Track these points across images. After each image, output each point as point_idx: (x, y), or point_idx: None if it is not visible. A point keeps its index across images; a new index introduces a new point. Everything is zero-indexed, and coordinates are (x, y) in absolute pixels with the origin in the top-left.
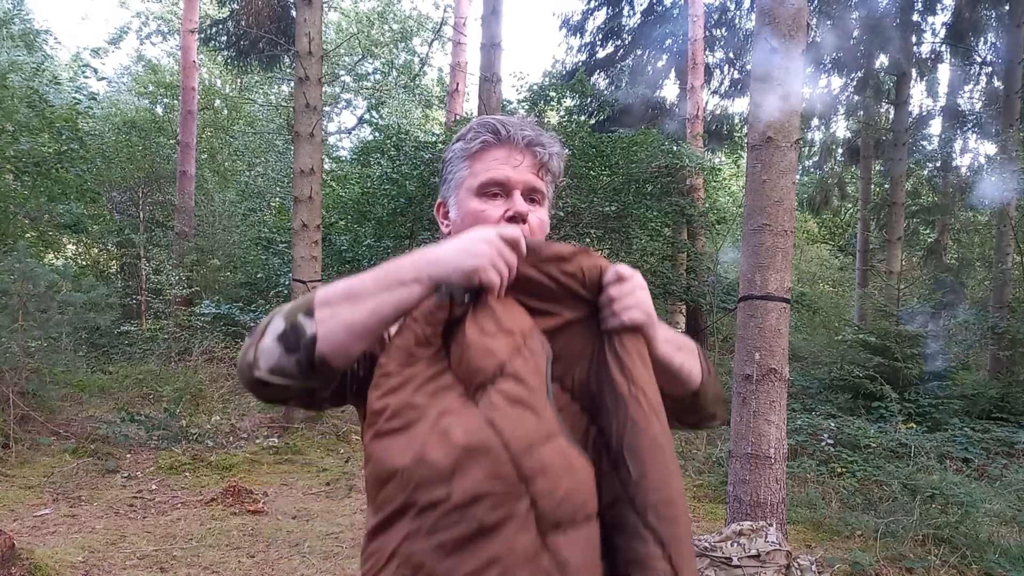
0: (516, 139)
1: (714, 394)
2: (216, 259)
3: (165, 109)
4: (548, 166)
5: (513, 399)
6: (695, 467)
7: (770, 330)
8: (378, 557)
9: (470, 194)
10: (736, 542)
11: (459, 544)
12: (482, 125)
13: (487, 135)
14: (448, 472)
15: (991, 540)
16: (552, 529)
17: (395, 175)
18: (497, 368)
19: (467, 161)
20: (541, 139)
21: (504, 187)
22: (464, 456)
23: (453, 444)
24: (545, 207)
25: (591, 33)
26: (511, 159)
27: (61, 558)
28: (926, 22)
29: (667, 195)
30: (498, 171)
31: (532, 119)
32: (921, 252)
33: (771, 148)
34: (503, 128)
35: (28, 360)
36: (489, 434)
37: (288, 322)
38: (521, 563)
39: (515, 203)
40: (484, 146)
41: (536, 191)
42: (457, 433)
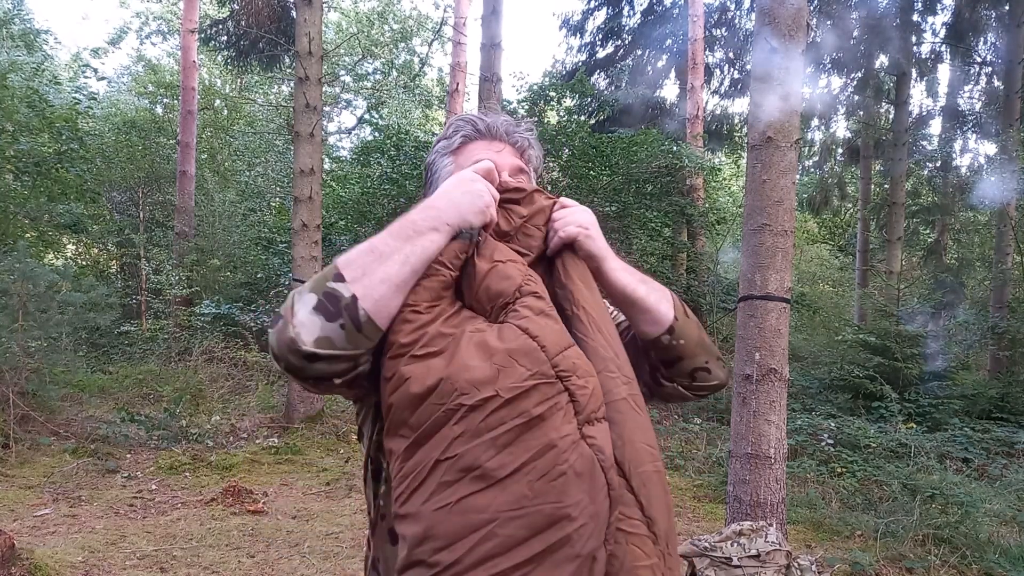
0: (495, 129)
1: (698, 340)
2: (216, 259)
3: (165, 109)
4: (528, 153)
5: (538, 311)
6: (695, 467)
7: (770, 330)
8: (416, 473)
9: None
10: (736, 542)
11: (511, 437)
12: (461, 121)
13: (467, 128)
14: (492, 373)
15: (991, 540)
16: (585, 422)
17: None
18: (516, 289)
19: (450, 156)
20: (516, 127)
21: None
22: (506, 358)
23: (493, 349)
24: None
25: (591, 33)
26: (492, 147)
27: (61, 558)
28: (926, 22)
29: (667, 195)
30: (482, 156)
31: (506, 113)
32: (921, 252)
33: (771, 148)
34: (481, 121)
35: (28, 360)
36: (525, 339)
37: (319, 292)
38: (570, 447)
39: (503, 176)
40: (465, 140)
41: (522, 172)
42: (494, 342)
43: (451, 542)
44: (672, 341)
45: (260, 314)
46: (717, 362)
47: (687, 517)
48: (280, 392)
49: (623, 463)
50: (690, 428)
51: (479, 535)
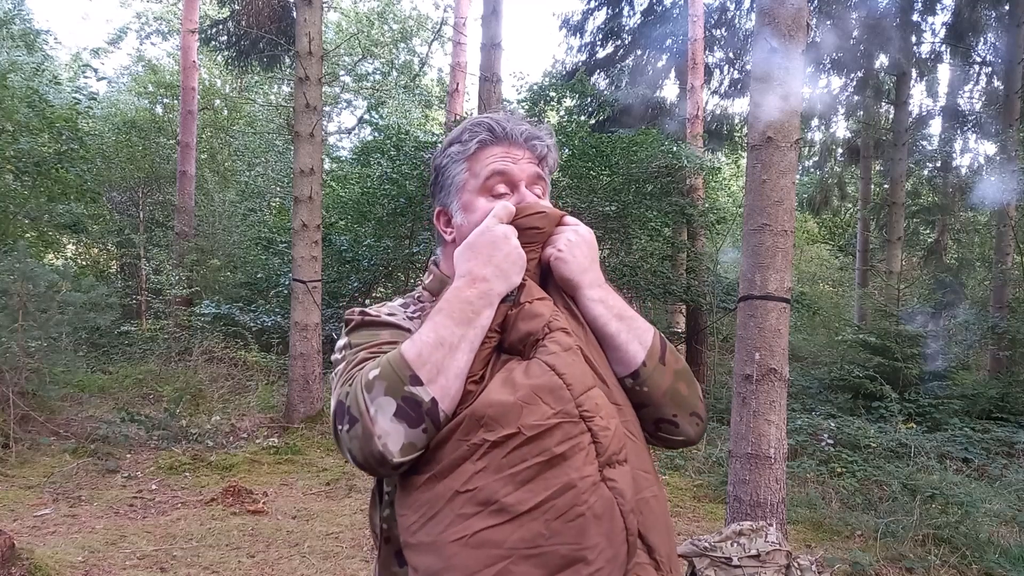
0: (513, 135)
1: (669, 390)
2: (216, 259)
3: (165, 109)
4: (546, 159)
5: (566, 347)
6: (695, 467)
7: (770, 330)
8: (433, 503)
9: (475, 195)
10: (736, 542)
11: (531, 474)
12: (476, 124)
13: (483, 134)
14: (517, 409)
15: (991, 540)
16: (607, 464)
17: (395, 175)
18: (545, 326)
19: (465, 163)
20: (538, 132)
21: (509, 179)
22: (530, 395)
23: (519, 385)
24: (547, 199)
25: (591, 33)
26: (511, 154)
27: (61, 558)
28: (926, 22)
29: (667, 195)
30: (500, 163)
31: (523, 114)
32: (921, 252)
33: (771, 148)
34: (498, 125)
35: (28, 360)
36: (551, 375)
37: (397, 397)
38: (589, 488)
39: (524, 196)
40: (481, 145)
41: (539, 180)
42: (520, 377)
43: (465, 575)
44: (635, 386)
45: (260, 314)
46: (690, 417)
47: (687, 517)
48: (280, 392)
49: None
50: None
51: (493, 570)
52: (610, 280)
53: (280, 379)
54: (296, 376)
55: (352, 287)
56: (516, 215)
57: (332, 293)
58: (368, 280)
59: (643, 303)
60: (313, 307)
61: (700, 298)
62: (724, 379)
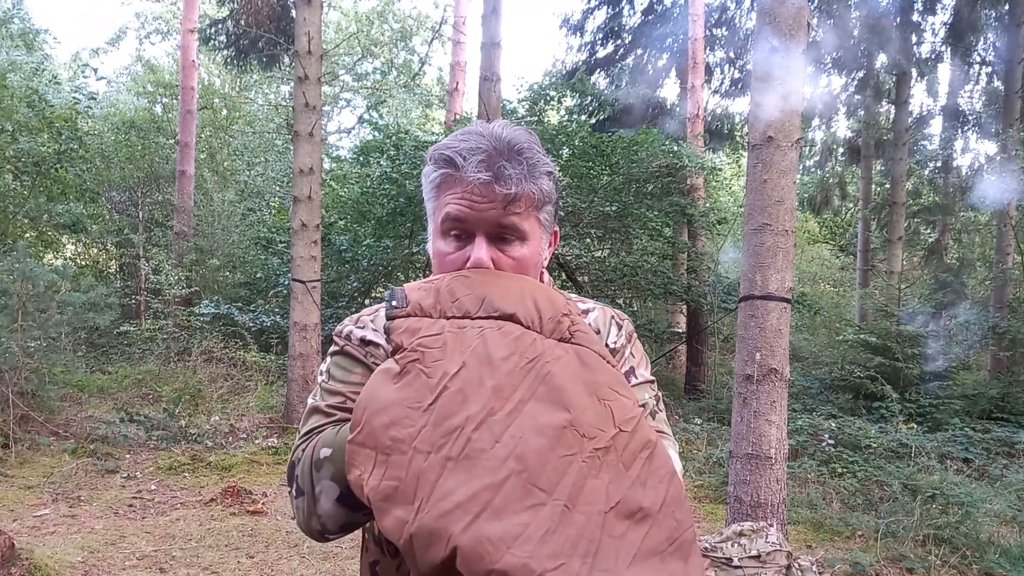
0: (471, 173)
1: None
2: (215, 259)
3: (164, 109)
4: (518, 200)
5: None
6: (695, 467)
7: (771, 330)
8: (586, 539)
9: (436, 231)
10: (737, 542)
11: (647, 471)
12: (440, 154)
13: (443, 167)
14: (598, 406)
15: (991, 540)
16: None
17: (395, 175)
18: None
19: (434, 191)
20: (505, 171)
21: (463, 226)
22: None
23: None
24: (531, 240)
25: (591, 32)
26: (469, 195)
27: (61, 558)
28: (926, 22)
29: (667, 195)
30: (454, 207)
31: (510, 130)
32: (922, 252)
33: (772, 148)
34: (459, 158)
35: (27, 360)
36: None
37: (341, 485)
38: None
39: (475, 250)
40: (444, 178)
41: (507, 228)
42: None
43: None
44: None
45: (259, 314)
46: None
47: None
48: (279, 392)
49: None
50: (691, 429)
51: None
52: (610, 280)
53: (279, 379)
54: (295, 376)
55: (351, 287)
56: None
57: (331, 293)
58: (367, 280)
59: (644, 303)
60: (312, 307)
61: (701, 298)
62: (725, 379)
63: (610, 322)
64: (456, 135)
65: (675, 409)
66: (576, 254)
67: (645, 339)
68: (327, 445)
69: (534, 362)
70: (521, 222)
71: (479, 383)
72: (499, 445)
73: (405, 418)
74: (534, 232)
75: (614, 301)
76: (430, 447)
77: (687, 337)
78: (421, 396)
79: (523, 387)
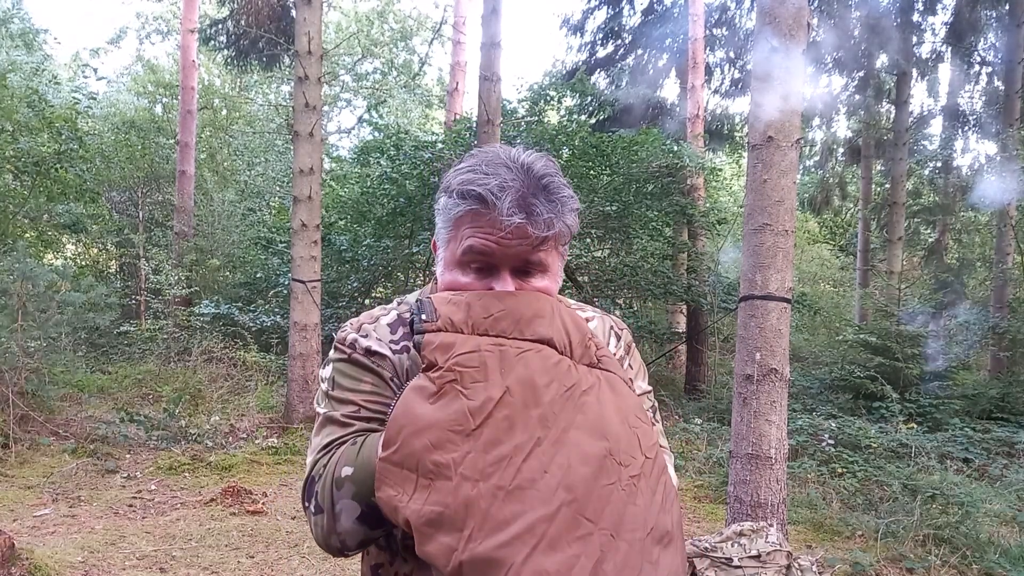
0: (504, 216)
1: None
2: (215, 259)
3: (164, 109)
4: (549, 239)
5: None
6: (695, 467)
7: (771, 330)
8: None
9: (452, 263)
10: (737, 542)
11: (669, 494)
12: (468, 191)
13: (472, 203)
14: (625, 432)
15: (991, 540)
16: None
17: (395, 175)
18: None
19: (453, 222)
20: (538, 211)
21: (487, 260)
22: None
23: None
24: (552, 271)
25: (591, 33)
26: (499, 233)
27: (61, 558)
28: (926, 22)
29: (668, 195)
30: (480, 241)
31: (537, 162)
32: (922, 252)
33: (772, 148)
34: (490, 196)
35: (28, 360)
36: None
37: (362, 504)
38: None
39: (500, 285)
40: (469, 213)
41: (533, 263)
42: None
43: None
44: None
45: (259, 314)
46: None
47: (687, 517)
48: (279, 392)
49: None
50: (691, 429)
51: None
52: (610, 280)
53: (279, 379)
54: (295, 376)
55: (351, 287)
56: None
57: (331, 293)
58: (367, 280)
59: (644, 303)
60: (312, 307)
61: (701, 298)
62: (725, 379)
63: (609, 333)
64: (479, 166)
65: (675, 409)
66: (576, 254)
67: (645, 339)
68: (348, 464)
69: (572, 389)
70: (546, 257)
71: (525, 410)
72: (548, 475)
73: (448, 442)
74: (555, 264)
75: (614, 301)
76: (478, 475)
77: (687, 337)
78: (462, 419)
79: (564, 415)
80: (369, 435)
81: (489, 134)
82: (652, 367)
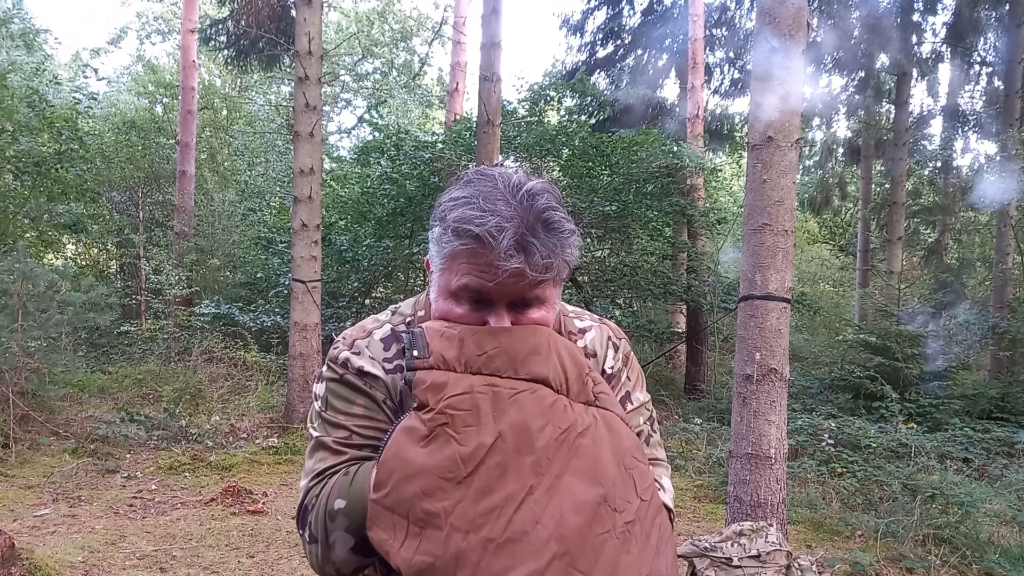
0: (502, 259)
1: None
2: (216, 259)
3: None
4: (546, 279)
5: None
6: (695, 467)
7: (771, 330)
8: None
9: (446, 293)
10: (736, 542)
11: (665, 538)
12: (463, 229)
13: (469, 243)
14: (622, 476)
15: (991, 540)
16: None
17: (395, 175)
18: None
19: (447, 257)
20: (537, 252)
21: (481, 297)
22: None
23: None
24: (549, 302)
25: (591, 33)
26: (495, 271)
27: (61, 558)
28: (926, 22)
29: (667, 195)
30: (475, 280)
31: (538, 195)
32: (922, 252)
33: (772, 148)
34: (488, 237)
35: (28, 360)
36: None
37: (356, 536)
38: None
39: (495, 320)
40: (464, 251)
41: (528, 299)
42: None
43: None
44: None
45: (260, 314)
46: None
47: (687, 517)
48: (280, 392)
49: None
50: (691, 428)
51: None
52: (610, 280)
53: (280, 379)
54: (295, 376)
55: (352, 287)
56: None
57: (332, 293)
58: (368, 280)
59: (644, 303)
60: (313, 307)
61: (701, 298)
62: (724, 379)
63: (607, 344)
64: (476, 199)
65: (675, 409)
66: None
67: (645, 339)
68: (341, 496)
69: (567, 432)
70: (543, 291)
71: (518, 457)
72: (540, 526)
73: (439, 490)
74: (553, 296)
75: (614, 301)
76: (468, 526)
77: (687, 337)
78: (454, 467)
79: (558, 460)
80: (362, 465)
81: (489, 134)
82: (652, 367)
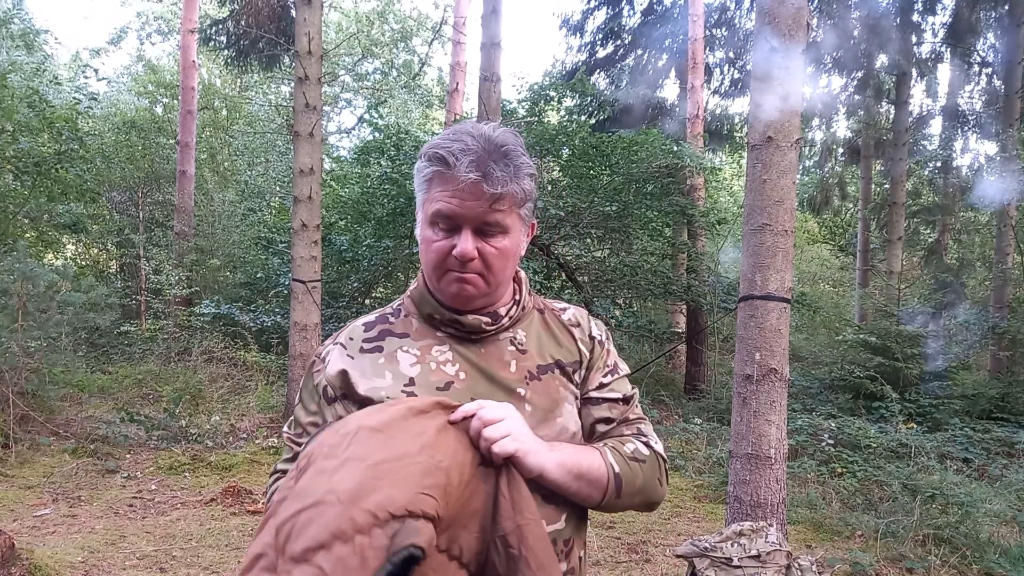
0: (462, 173)
1: (626, 506)
2: (216, 259)
3: (165, 109)
4: (504, 199)
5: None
6: (695, 467)
7: (770, 330)
8: None
9: (424, 221)
10: (736, 542)
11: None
12: (432, 152)
13: (436, 165)
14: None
15: (991, 540)
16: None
17: (395, 175)
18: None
19: (425, 184)
20: (493, 172)
21: (451, 221)
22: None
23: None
24: (512, 233)
25: (591, 33)
26: (459, 193)
27: (61, 558)
28: (926, 22)
29: (667, 195)
30: (444, 204)
31: (499, 132)
32: (922, 252)
33: (771, 148)
34: (451, 157)
35: (28, 360)
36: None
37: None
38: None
39: (461, 241)
40: (435, 174)
41: (491, 224)
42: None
43: None
44: (599, 509)
45: (260, 314)
46: (645, 502)
47: (687, 517)
48: (279, 392)
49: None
50: (690, 428)
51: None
52: (610, 280)
53: (280, 379)
54: (295, 376)
55: (352, 287)
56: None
57: (332, 293)
58: (368, 280)
59: (643, 303)
60: (313, 307)
61: (700, 298)
62: (724, 379)
63: (587, 317)
64: (448, 134)
65: (675, 409)
66: (576, 254)
67: (645, 339)
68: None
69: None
70: (504, 218)
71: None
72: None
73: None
74: (515, 226)
75: (614, 301)
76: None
77: (687, 337)
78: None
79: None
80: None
81: None
82: (652, 367)
